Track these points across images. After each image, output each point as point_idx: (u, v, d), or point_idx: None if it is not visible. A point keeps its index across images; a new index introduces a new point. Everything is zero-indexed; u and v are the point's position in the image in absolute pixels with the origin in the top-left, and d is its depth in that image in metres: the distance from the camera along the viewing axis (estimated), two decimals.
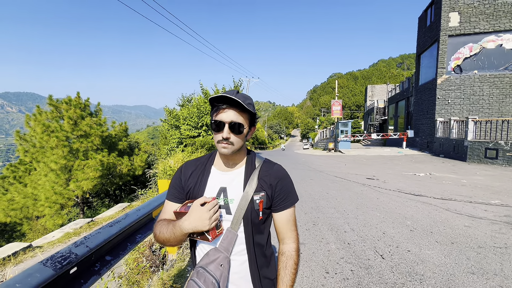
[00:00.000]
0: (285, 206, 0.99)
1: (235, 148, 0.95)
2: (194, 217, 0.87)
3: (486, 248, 3.19)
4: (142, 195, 5.28)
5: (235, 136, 0.93)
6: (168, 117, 13.53)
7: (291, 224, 1.01)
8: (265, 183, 0.97)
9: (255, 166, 1.02)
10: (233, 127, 0.92)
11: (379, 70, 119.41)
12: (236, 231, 0.94)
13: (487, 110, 13.98)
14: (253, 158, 1.05)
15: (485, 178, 7.62)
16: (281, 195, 0.98)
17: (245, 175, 0.99)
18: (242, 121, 0.94)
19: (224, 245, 0.93)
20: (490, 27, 13.60)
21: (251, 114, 0.98)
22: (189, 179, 1.04)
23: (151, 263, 3.37)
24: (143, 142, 23.85)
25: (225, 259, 0.91)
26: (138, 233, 1.98)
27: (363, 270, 2.74)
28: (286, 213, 1.00)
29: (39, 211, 11.77)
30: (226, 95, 0.90)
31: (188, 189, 1.03)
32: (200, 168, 1.05)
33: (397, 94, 24.95)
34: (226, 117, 0.92)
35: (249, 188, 0.95)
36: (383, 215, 4.57)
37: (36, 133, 11.91)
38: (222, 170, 1.02)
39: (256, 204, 0.94)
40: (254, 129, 1.03)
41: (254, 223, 0.95)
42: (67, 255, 1.24)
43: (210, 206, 0.87)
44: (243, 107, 0.93)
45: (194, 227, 0.87)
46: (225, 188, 0.98)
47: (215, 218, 0.88)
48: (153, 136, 75.89)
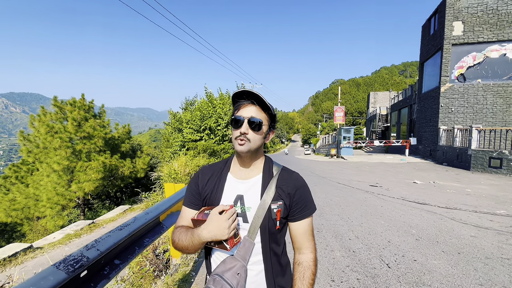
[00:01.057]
0: (303, 216, 0.98)
1: (251, 146, 0.94)
2: (213, 226, 0.86)
3: (493, 259, 3.15)
4: (146, 198, 5.26)
5: (254, 133, 0.93)
6: (171, 120, 13.57)
7: (308, 234, 1.00)
8: (283, 192, 0.96)
9: (272, 174, 1.00)
10: (252, 123, 0.92)
11: (382, 77, 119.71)
12: (253, 240, 0.93)
13: (491, 119, 13.93)
14: (271, 165, 1.04)
15: (489, 188, 7.56)
16: (299, 205, 0.97)
17: (262, 183, 0.98)
18: (262, 118, 0.94)
19: (241, 253, 0.92)
20: (494, 36, 13.64)
21: (271, 117, 0.99)
22: (206, 185, 1.03)
23: (155, 267, 3.35)
24: (146, 145, 23.92)
25: (242, 267, 0.90)
26: (146, 237, 1.97)
27: (369, 279, 2.71)
28: (304, 223, 0.99)
29: (41, 211, 11.76)
30: (249, 90, 0.92)
31: (205, 195, 1.02)
32: (216, 175, 1.05)
33: (400, 101, 24.95)
34: (246, 113, 0.93)
35: (267, 197, 0.94)
36: (387, 223, 4.53)
37: (40, 134, 11.97)
38: (238, 178, 1.01)
39: (274, 213, 0.93)
40: (273, 133, 1.03)
41: (271, 232, 0.94)
42: (79, 258, 1.24)
43: (228, 215, 0.86)
44: (264, 106, 0.94)
45: (213, 236, 0.86)
46: (242, 196, 0.97)
47: (233, 227, 0.87)
48: (155, 138, 76.10)
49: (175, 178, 5.16)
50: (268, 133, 0.99)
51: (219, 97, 14.04)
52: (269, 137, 1.02)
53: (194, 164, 6.02)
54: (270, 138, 1.03)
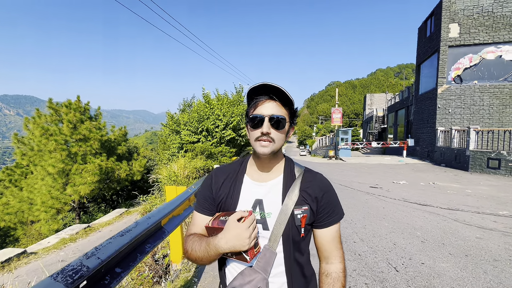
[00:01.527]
0: (331, 222, 0.89)
1: (276, 146, 0.84)
2: (231, 235, 0.76)
3: (501, 261, 3.09)
4: (144, 201, 5.14)
5: (277, 132, 0.83)
6: (169, 121, 13.44)
7: (336, 241, 0.90)
8: (309, 196, 0.87)
9: (295, 175, 0.91)
10: (274, 120, 0.82)
11: (377, 79, 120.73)
12: (274, 249, 0.83)
13: (488, 120, 14.04)
14: (292, 166, 0.94)
15: (489, 188, 7.55)
16: (326, 210, 0.88)
17: (283, 185, 0.89)
18: (284, 114, 0.84)
19: (262, 264, 0.82)
20: (490, 38, 13.78)
21: (292, 112, 0.89)
22: (220, 189, 0.93)
23: (154, 273, 3.23)
24: (142, 147, 23.69)
25: (263, 280, 0.80)
26: (147, 243, 1.87)
27: (378, 284, 2.63)
28: (332, 230, 0.89)
29: (35, 215, 11.51)
30: (267, 83, 0.81)
31: (220, 200, 0.92)
32: (231, 177, 0.95)
33: (397, 103, 25.10)
34: (266, 111, 0.82)
35: (289, 201, 0.85)
36: (391, 225, 4.46)
37: (34, 136, 11.75)
38: (256, 180, 0.92)
39: (298, 219, 0.84)
40: (293, 129, 0.93)
41: (294, 241, 0.85)
42: (79, 268, 1.13)
43: (248, 223, 0.76)
44: (285, 100, 0.84)
45: (232, 247, 0.76)
46: (261, 200, 0.88)
47: (254, 236, 0.78)
48: (151, 141, 75.62)
49: (175, 180, 5.03)
50: (289, 130, 0.90)
51: (216, 98, 13.94)
52: (290, 134, 0.92)
53: (192, 166, 5.89)
54: (291, 135, 0.93)
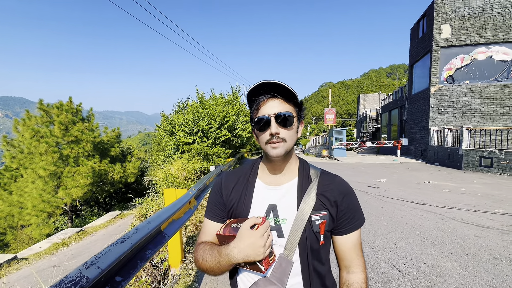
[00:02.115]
0: (352, 228, 0.83)
1: (288, 145, 0.79)
2: (245, 244, 0.71)
3: (502, 259, 3.10)
4: (140, 204, 5.03)
5: (286, 130, 0.78)
6: (163, 123, 13.28)
7: (358, 249, 0.84)
8: (327, 200, 0.81)
9: (310, 178, 0.85)
10: (281, 119, 0.76)
11: (370, 80, 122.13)
12: (291, 258, 0.77)
13: (479, 119, 14.29)
14: (307, 168, 0.89)
15: (483, 187, 7.66)
16: (347, 215, 0.82)
17: (298, 189, 0.83)
18: (290, 110, 0.79)
19: (278, 275, 0.76)
20: (480, 39, 14.04)
21: (298, 106, 0.83)
22: (231, 194, 0.88)
23: (152, 278, 3.14)
24: (136, 149, 23.39)
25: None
26: (148, 249, 1.78)
27: (381, 285, 2.60)
28: (353, 236, 0.83)
29: (25, 220, 11.22)
30: (266, 81, 0.75)
31: (231, 206, 0.87)
32: (242, 181, 0.89)
33: (390, 102, 25.38)
34: (270, 110, 0.77)
35: (305, 206, 0.79)
36: (390, 224, 4.46)
37: (24, 139, 11.46)
38: (269, 184, 0.86)
39: (316, 226, 0.78)
40: (302, 124, 0.87)
41: (312, 249, 0.79)
42: (78, 279, 1.06)
43: (263, 230, 0.71)
44: (288, 95, 0.78)
45: (245, 257, 0.71)
46: (275, 205, 0.82)
47: (269, 244, 0.73)
48: (144, 142, 74.80)
49: (172, 182, 4.92)
50: (298, 126, 0.84)
51: (211, 98, 13.85)
52: (300, 130, 0.86)
53: (190, 167, 5.79)
54: (301, 131, 0.87)
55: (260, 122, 0.78)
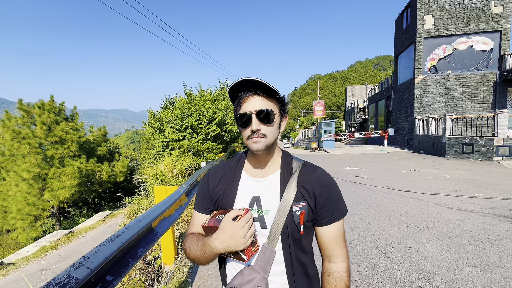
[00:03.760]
0: (333, 219, 0.85)
1: (269, 140, 0.81)
2: (226, 235, 0.74)
3: (481, 240, 3.27)
4: (130, 203, 4.97)
5: (267, 126, 0.80)
6: (151, 120, 13.05)
7: (339, 239, 0.86)
8: (306, 192, 0.83)
9: (292, 170, 0.88)
10: (262, 115, 0.79)
11: (357, 71, 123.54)
12: (274, 247, 0.80)
13: (461, 108, 14.77)
14: (289, 160, 0.91)
15: (465, 172, 7.98)
16: (327, 206, 0.84)
17: (281, 181, 0.86)
18: (271, 107, 0.81)
19: (261, 264, 0.79)
20: (462, 29, 14.41)
21: (280, 101, 0.84)
22: (217, 186, 0.90)
23: (146, 276, 3.14)
24: (124, 147, 22.93)
25: (262, 280, 0.78)
26: (139, 247, 1.78)
27: (370, 270, 2.69)
28: (334, 227, 0.85)
29: (10, 224, 10.88)
30: (247, 79, 0.77)
31: (217, 198, 0.89)
32: (228, 174, 0.92)
33: (377, 94, 25.81)
34: (252, 106, 0.79)
35: (287, 197, 0.82)
36: (378, 212, 4.60)
37: (5, 140, 11.03)
38: (253, 176, 0.89)
39: (296, 216, 0.81)
40: (286, 119, 0.89)
41: (294, 239, 0.82)
42: (66, 281, 1.05)
43: (244, 221, 0.74)
44: (269, 91, 0.80)
45: (227, 247, 0.74)
46: (259, 197, 0.85)
47: (250, 234, 0.75)
48: (133, 140, 73.31)
49: (162, 180, 4.88)
50: (281, 121, 0.86)
51: (199, 94, 13.69)
52: (283, 125, 0.88)
53: (180, 164, 5.75)
54: (285, 126, 0.89)
55: (242, 118, 0.80)
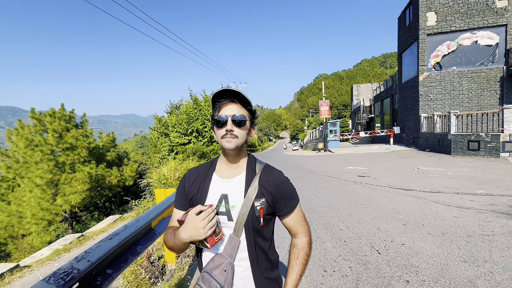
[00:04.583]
0: (288, 211, 1.02)
1: (239, 141, 0.96)
2: (188, 227, 0.88)
3: (475, 236, 3.32)
4: (137, 206, 5.19)
5: (239, 129, 0.96)
6: (157, 125, 13.37)
7: (300, 221, 1.04)
8: (265, 190, 0.98)
9: (255, 171, 1.03)
10: (236, 120, 0.95)
11: (363, 70, 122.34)
12: (238, 237, 0.95)
13: (467, 104, 14.56)
14: (254, 163, 1.06)
15: (469, 170, 7.92)
16: (282, 201, 1.00)
17: (246, 181, 1.01)
18: (244, 114, 0.98)
19: (228, 251, 0.94)
20: (465, 25, 14.24)
21: (252, 113, 1.02)
22: (192, 186, 1.06)
23: (151, 274, 3.32)
24: (132, 152, 23.40)
25: (229, 264, 0.93)
26: (138, 244, 1.96)
27: (361, 266, 2.80)
28: (293, 216, 1.03)
29: (25, 229, 11.31)
30: (228, 88, 0.96)
31: (191, 196, 1.05)
32: (201, 176, 1.07)
33: (382, 92, 25.61)
34: (229, 111, 0.96)
35: (250, 195, 0.96)
36: (376, 211, 4.67)
37: (19, 148, 11.50)
38: (223, 177, 1.04)
39: (257, 210, 0.95)
40: (254, 129, 1.06)
41: (255, 229, 0.96)
42: (69, 271, 1.23)
43: (204, 215, 0.87)
44: (244, 102, 0.98)
45: (190, 237, 0.88)
46: (226, 195, 1.00)
47: (210, 226, 0.88)
48: (141, 145, 74.50)
49: (165, 183, 5.09)
50: (250, 129, 1.03)
51: (204, 99, 13.95)
52: (252, 133, 1.05)
53: (183, 167, 5.96)
54: (253, 134, 1.06)
55: (220, 120, 0.96)
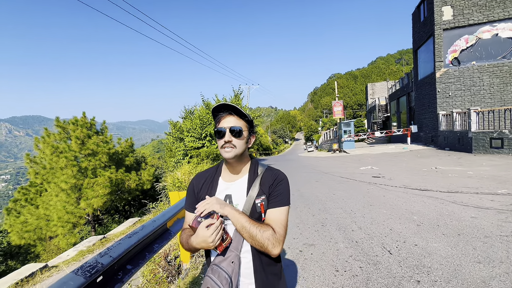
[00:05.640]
0: (276, 204, 1.04)
1: (237, 151, 1.06)
2: (199, 240, 0.97)
3: (492, 237, 3.23)
4: (154, 208, 5.41)
5: (237, 139, 1.06)
6: (172, 130, 13.78)
7: (279, 223, 1.03)
8: (265, 187, 1.08)
9: (257, 173, 1.12)
10: (234, 131, 1.05)
11: (378, 68, 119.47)
12: None
13: (489, 100, 13.93)
14: (256, 166, 1.16)
15: (491, 169, 7.60)
16: (274, 194, 1.06)
17: (248, 182, 1.11)
18: (241, 125, 1.07)
19: (234, 244, 1.04)
20: (484, 17, 13.68)
21: (249, 122, 1.12)
22: (201, 190, 1.17)
23: (168, 273, 3.48)
24: (149, 156, 24.15)
25: (235, 257, 1.02)
26: (155, 243, 2.11)
27: (371, 266, 2.81)
28: (275, 211, 1.04)
29: (52, 231, 11.97)
30: (224, 103, 1.07)
31: (200, 199, 1.15)
32: (209, 180, 1.18)
33: (398, 90, 24.96)
34: (227, 124, 1.06)
35: (252, 193, 1.06)
36: (389, 212, 4.62)
37: (45, 155, 12.22)
38: (227, 181, 1.15)
39: (258, 207, 1.05)
40: (253, 137, 1.16)
41: None
42: (94, 265, 1.37)
43: (212, 230, 0.95)
44: (240, 114, 1.08)
45: (202, 247, 0.99)
46: (230, 195, 1.10)
47: (218, 238, 0.96)
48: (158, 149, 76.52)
49: (179, 186, 5.30)
50: (249, 138, 1.13)
51: (217, 104, 14.24)
52: (251, 141, 1.15)
53: (198, 171, 6.16)
54: (252, 142, 1.16)
55: (220, 132, 1.07)
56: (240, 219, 0.99)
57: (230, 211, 1.01)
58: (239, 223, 0.99)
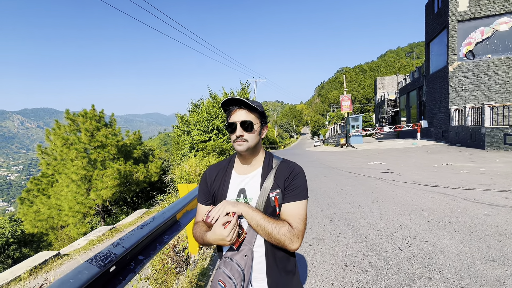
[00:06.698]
0: (293, 198, 1.02)
1: (249, 144, 1.04)
2: (215, 237, 0.97)
3: (507, 235, 3.16)
4: (162, 200, 5.47)
5: (248, 133, 1.04)
6: (179, 123, 13.84)
7: (298, 218, 1.00)
8: (280, 180, 1.04)
9: (272, 166, 1.10)
10: (245, 125, 1.03)
11: (388, 61, 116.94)
12: None
13: (504, 95, 13.49)
14: (270, 159, 1.13)
15: (505, 165, 7.40)
16: (290, 188, 1.03)
17: (262, 175, 1.08)
18: (252, 119, 1.05)
19: (248, 238, 1.02)
20: (502, 8, 13.14)
21: (261, 114, 1.09)
22: (213, 182, 1.15)
23: (176, 264, 3.53)
24: (157, 149, 24.41)
25: (248, 250, 1.01)
26: (165, 234, 2.12)
27: (381, 262, 2.78)
28: (292, 205, 1.01)
29: (64, 220, 12.30)
30: (234, 97, 1.03)
31: (213, 191, 1.14)
32: (222, 172, 1.16)
33: (408, 84, 24.41)
34: (237, 118, 1.04)
35: (266, 187, 1.04)
36: (399, 207, 4.56)
37: (56, 147, 12.47)
38: (241, 173, 1.12)
39: (272, 201, 1.02)
40: (266, 128, 1.13)
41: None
42: (108, 255, 1.38)
43: (229, 229, 0.94)
44: (251, 107, 1.04)
45: (218, 243, 0.99)
46: (244, 189, 1.08)
47: (234, 235, 0.96)
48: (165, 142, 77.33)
49: (187, 179, 5.33)
50: (261, 129, 1.10)
51: (224, 96, 14.20)
52: (264, 133, 1.12)
53: (204, 164, 6.20)
54: (265, 133, 1.13)
55: (231, 126, 1.06)
56: (255, 216, 0.98)
57: (244, 209, 0.99)
58: (254, 221, 0.98)
